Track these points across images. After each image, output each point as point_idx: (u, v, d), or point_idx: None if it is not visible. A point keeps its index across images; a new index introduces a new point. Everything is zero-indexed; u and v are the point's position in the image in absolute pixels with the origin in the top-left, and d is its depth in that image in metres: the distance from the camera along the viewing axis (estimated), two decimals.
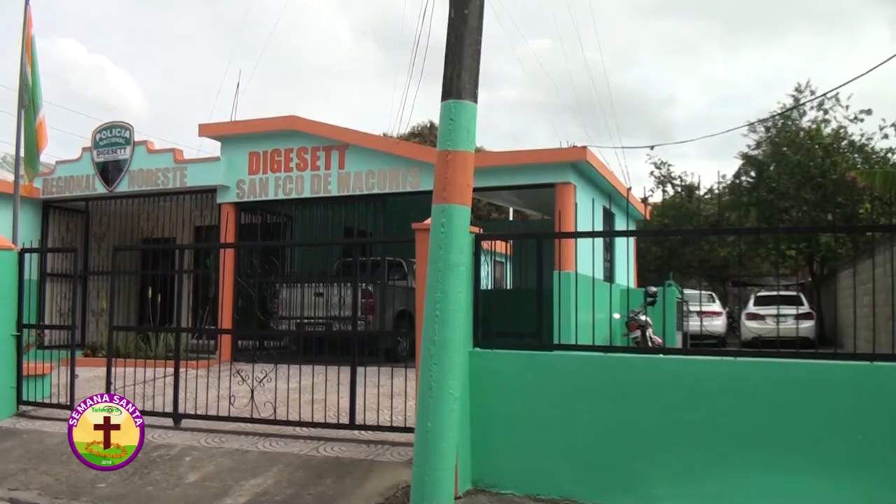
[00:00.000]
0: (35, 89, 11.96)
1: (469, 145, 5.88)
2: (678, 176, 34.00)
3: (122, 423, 6.97)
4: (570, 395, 6.29)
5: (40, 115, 12.03)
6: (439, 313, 5.66)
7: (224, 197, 15.62)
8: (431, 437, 5.57)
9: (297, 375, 8.49)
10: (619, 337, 12.55)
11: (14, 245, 10.44)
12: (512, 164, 13.62)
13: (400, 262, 15.10)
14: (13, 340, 9.97)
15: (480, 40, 6.13)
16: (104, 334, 14.96)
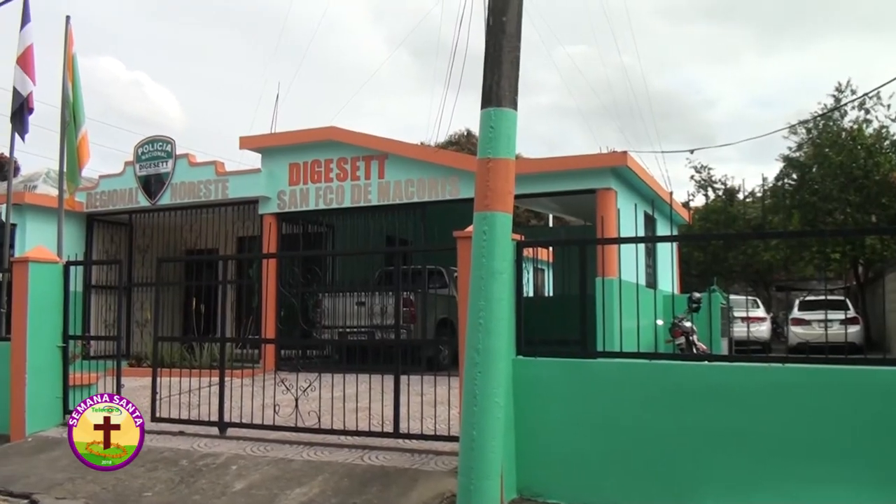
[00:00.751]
0: (77, 105, 12.16)
1: (510, 153, 5.87)
2: (719, 179, 33.68)
3: (122, 424, 7.03)
4: (616, 403, 6.24)
5: (82, 130, 12.23)
6: (483, 321, 5.65)
7: (266, 208, 15.76)
8: (476, 446, 5.56)
9: (341, 384, 8.53)
10: (663, 344, 12.44)
11: (59, 258, 10.61)
12: (551, 171, 13.57)
13: (440, 270, 15.11)
14: (59, 351, 10.13)
15: (519, 47, 6.14)
16: (149, 345, 15.14)
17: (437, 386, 8.59)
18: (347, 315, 13.20)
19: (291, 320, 11.96)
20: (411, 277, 12.81)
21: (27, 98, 12.22)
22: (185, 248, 18.01)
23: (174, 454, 8.22)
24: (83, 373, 10.34)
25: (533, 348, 6.72)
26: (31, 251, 10.44)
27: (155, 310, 10.06)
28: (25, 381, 9.68)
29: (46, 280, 10.04)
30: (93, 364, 10.65)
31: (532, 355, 6.65)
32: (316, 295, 13.94)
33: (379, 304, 12.57)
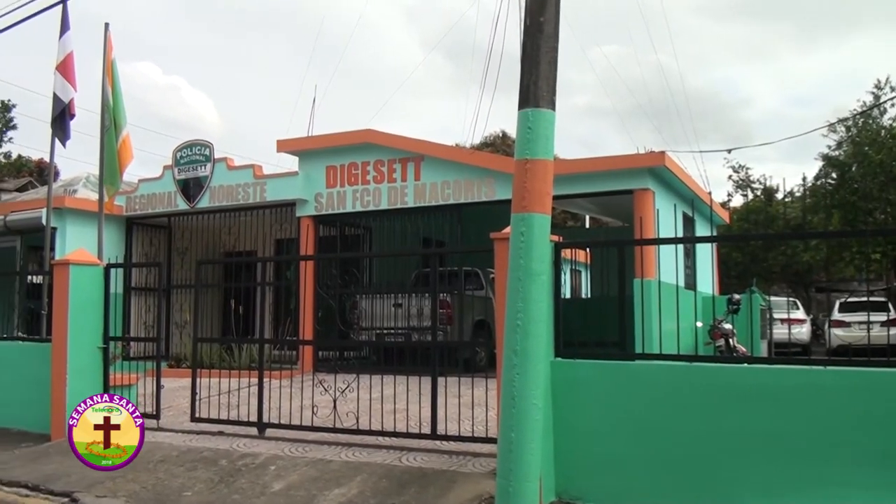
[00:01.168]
0: (117, 110, 12.30)
1: (548, 153, 5.84)
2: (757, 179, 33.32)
3: (122, 424, 7.07)
4: (655, 405, 6.20)
5: (124, 132, 12.37)
6: (521, 323, 5.62)
7: (303, 210, 15.85)
8: (515, 448, 5.54)
9: (378, 385, 8.54)
10: (703, 346, 12.32)
11: (100, 261, 10.75)
12: (588, 172, 13.50)
13: (476, 271, 15.08)
14: (100, 352, 10.26)
15: (557, 47, 6.11)
16: (188, 346, 15.28)
17: (474, 387, 8.59)
18: (384, 316, 13.21)
19: (329, 322, 12.01)
20: (447, 279, 12.82)
21: (69, 104, 12.40)
22: (223, 251, 18.16)
23: (214, 454, 8.29)
24: (123, 373, 10.46)
25: (571, 350, 6.70)
26: (71, 254, 10.60)
27: (194, 311, 10.16)
28: (66, 381, 9.83)
29: (87, 282, 10.18)
30: (133, 365, 10.78)
31: (570, 357, 6.62)
32: (353, 296, 13.98)
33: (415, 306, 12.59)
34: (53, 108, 12.41)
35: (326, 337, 12.18)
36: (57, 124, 12.46)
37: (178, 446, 8.73)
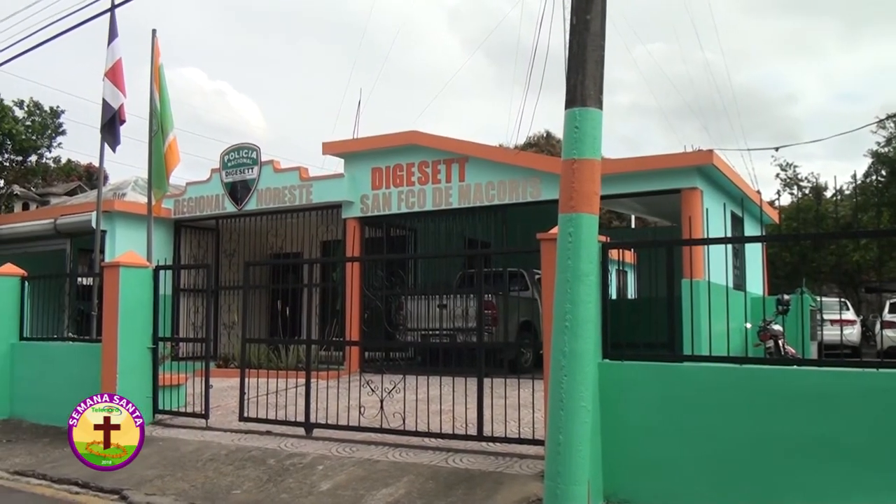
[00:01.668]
0: (164, 114, 12.50)
1: (595, 153, 5.79)
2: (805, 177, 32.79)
3: (122, 424, 7.10)
4: (705, 407, 6.11)
5: (171, 136, 12.56)
6: (569, 324, 5.58)
7: (349, 212, 15.93)
8: (563, 451, 5.50)
9: (424, 386, 8.54)
10: (752, 347, 12.14)
11: (149, 263, 10.89)
12: (635, 171, 13.36)
13: (521, 272, 15.02)
14: (149, 353, 10.43)
15: (603, 46, 6.06)
16: (235, 346, 15.42)
17: (520, 389, 8.55)
18: (429, 318, 13.23)
19: (375, 323, 12.05)
20: (492, 280, 12.78)
21: (118, 110, 12.61)
22: (270, 252, 18.31)
23: (262, 453, 8.35)
24: (172, 373, 10.61)
25: (619, 351, 6.63)
26: (121, 256, 10.77)
27: (243, 312, 10.25)
28: (116, 381, 9.99)
29: (137, 284, 10.34)
30: (182, 365, 10.92)
31: (618, 358, 6.56)
32: (398, 298, 14.01)
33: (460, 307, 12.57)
34: (103, 114, 12.62)
35: (372, 338, 12.21)
36: (107, 130, 12.67)
37: (227, 445, 8.82)
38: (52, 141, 22.58)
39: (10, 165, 22.47)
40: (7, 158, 22.18)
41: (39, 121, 22.04)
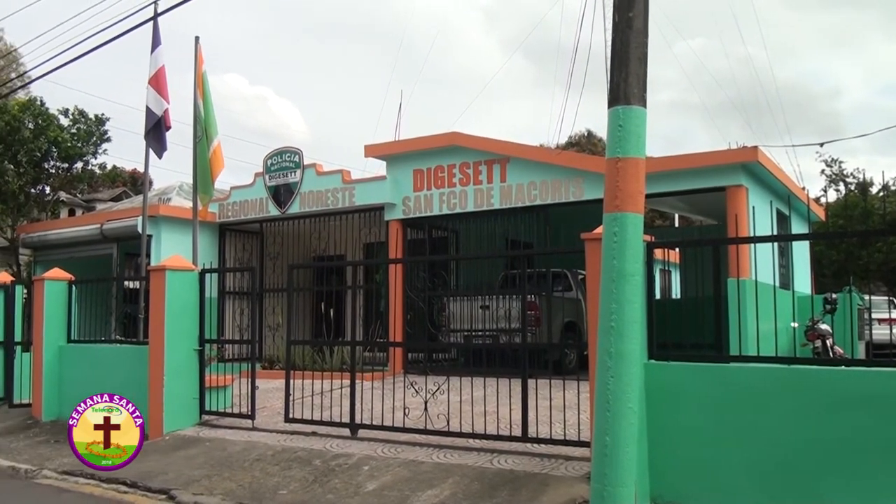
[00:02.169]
0: (209, 120, 12.63)
1: (640, 151, 5.74)
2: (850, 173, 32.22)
3: (122, 424, 7.11)
4: (752, 408, 6.03)
5: (215, 141, 12.69)
6: (615, 324, 5.53)
7: (391, 214, 15.97)
8: (610, 452, 5.45)
9: (468, 387, 8.53)
10: (799, 347, 11.95)
11: (195, 266, 11.01)
12: (678, 169, 13.21)
13: (565, 273, 14.94)
14: (196, 354, 10.55)
15: (647, 43, 6.01)
16: (280, 348, 15.54)
17: (563, 390, 8.50)
18: (472, 318, 13.21)
19: (418, 324, 12.06)
20: (535, 280, 12.74)
21: (163, 116, 12.78)
22: (313, 255, 18.41)
23: (308, 454, 8.40)
24: (219, 374, 10.72)
25: (665, 352, 6.56)
26: (167, 260, 10.90)
27: (288, 314, 10.32)
28: (163, 382, 10.13)
29: (183, 287, 10.46)
30: (227, 366, 11.02)
31: (664, 359, 6.49)
32: (441, 299, 14.01)
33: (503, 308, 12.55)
34: (147, 121, 12.80)
35: (415, 339, 12.22)
36: (152, 136, 12.86)
37: (273, 446, 8.88)
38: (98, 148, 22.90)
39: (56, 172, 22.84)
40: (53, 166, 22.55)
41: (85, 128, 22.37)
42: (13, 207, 21.87)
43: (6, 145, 20.71)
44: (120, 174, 29.30)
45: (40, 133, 21.07)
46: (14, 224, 22.02)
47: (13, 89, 21.70)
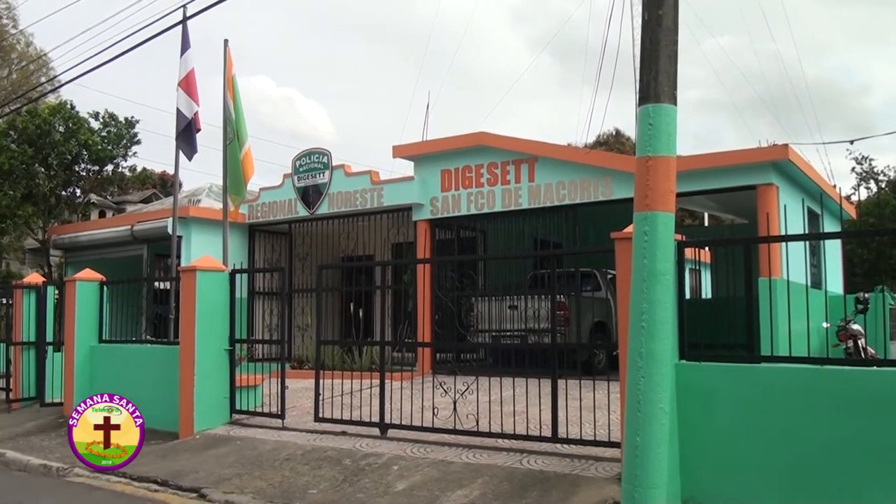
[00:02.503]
0: (239, 123, 12.71)
1: (670, 150, 5.70)
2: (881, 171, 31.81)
3: (121, 424, 7.11)
4: (784, 409, 5.96)
5: (246, 146, 12.76)
6: (645, 325, 5.50)
7: (419, 214, 15.99)
8: (641, 454, 5.42)
9: (497, 387, 8.51)
10: (830, 348, 11.81)
11: (225, 266, 11.08)
12: (708, 168, 13.10)
13: (593, 272, 14.88)
14: (226, 354, 10.61)
15: (677, 41, 5.97)
16: (309, 348, 15.61)
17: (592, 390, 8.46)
18: (500, 318, 13.18)
19: (446, 324, 12.06)
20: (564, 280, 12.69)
21: (193, 118, 12.87)
22: (341, 255, 18.48)
23: (337, 453, 8.43)
24: (248, 374, 10.78)
25: (696, 352, 6.51)
26: (198, 260, 10.98)
27: (317, 314, 10.36)
28: (194, 382, 10.21)
29: (213, 287, 10.53)
30: (257, 366, 11.08)
31: (695, 359, 6.44)
32: (469, 299, 13.99)
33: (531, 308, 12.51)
34: (178, 123, 12.89)
35: (444, 339, 12.21)
36: (182, 139, 12.95)
37: (303, 445, 8.92)
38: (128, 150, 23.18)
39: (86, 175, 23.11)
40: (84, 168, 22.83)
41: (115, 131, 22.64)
42: (44, 209, 22.17)
43: (37, 148, 21.00)
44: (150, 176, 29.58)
45: (71, 136, 21.36)
46: (45, 226, 22.32)
47: (43, 93, 21.98)
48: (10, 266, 38.83)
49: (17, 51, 24.63)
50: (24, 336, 13.20)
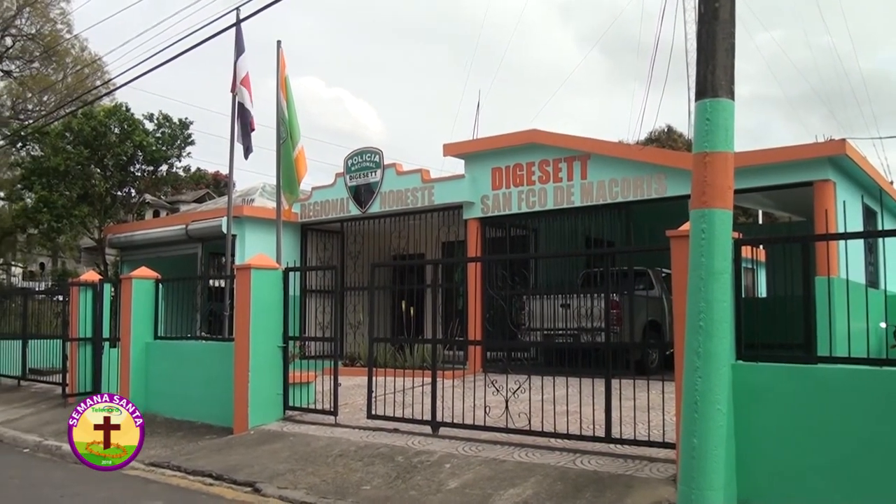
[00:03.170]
0: (292, 123, 12.85)
1: (728, 145, 5.61)
2: None
3: (122, 424, 7.11)
4: (843, 411, 5.83)
5: (299, 146, 12.88)
6: (703, 324, 5.40)
7: (469, 213, 15.97)
8: (698, 455, 5.33)
9: (550, 387, 8.44)
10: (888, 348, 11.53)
11: (278, 265, 11.18)
12: (763, 164, 12.84)
13: (646, 271, 14.71)
14: (280, 351, 10.71)
15: (734, 33, 5.86)
16: (361, 345, 15.68)
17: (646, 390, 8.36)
18: (552, 317, 13.10)
19: (497, 322, 12.02)
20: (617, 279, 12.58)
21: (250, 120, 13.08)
22: (393, 254, 18.54)
23: (390, 450, 8.45)
24: (301, 371, 10.86)
25: (753, 352, 6.40)
26: (252, 259, 11.09)
27: (370, 312, 10.39)
28: (248, 378, 10.32)
29: (267, 285, 10.63)
30: (310, 363, 11.16)
31: (752, 360, 6.32)
32: (521, 297, 13.93)
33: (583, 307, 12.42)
34: (242, 117, 13.10)
35: (495, 337, 12.19)
36: (244, 134, 13.17)
37: (356, 442, 8.96)
38: (182, 151, 23.56)
39: (141, 175, 23.54)
40: (139, 169, 23.27)
41: (169, 132, 23.02)
42: (100, 209, 22.64)
43: (93, 150, 21.45)
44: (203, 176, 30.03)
45: (126, 137, 21.79)
46: (101, 225, 22.79)
47: (98, 96, 22.42)
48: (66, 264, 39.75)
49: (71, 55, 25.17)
50: (81, 332, 13.45)
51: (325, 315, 17.73)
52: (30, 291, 18.59)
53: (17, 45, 24.39)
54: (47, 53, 24.25)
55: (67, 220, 21.72)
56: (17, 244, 29.57)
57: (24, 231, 26.39)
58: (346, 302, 18.43)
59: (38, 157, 22.82)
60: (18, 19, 23.94)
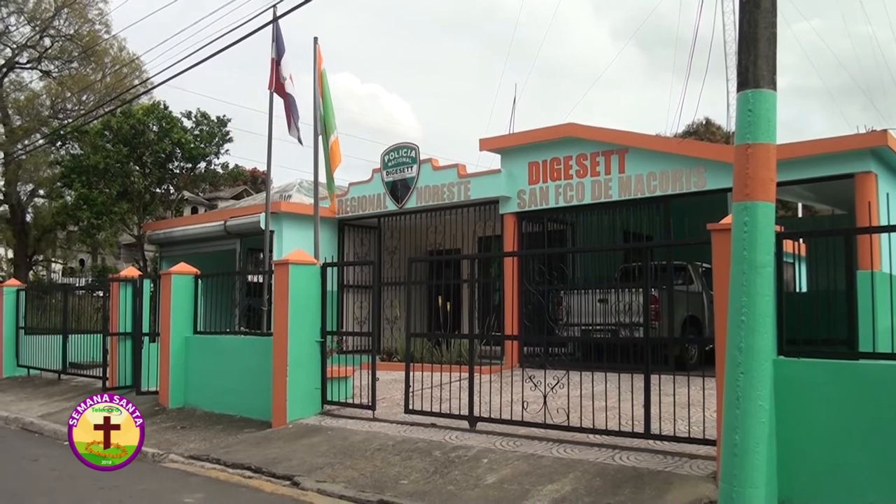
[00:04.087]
0: (328, 116, 12.91)
1: (770, 137, 5.51)
2: None
3: (122, 424, 7.10)
4: (887, 408, 5.71)
5: (333, 136, 12.94)
6: (745, 318, 5.31)
7: (506, 207, 15.91)
8: (740, 452, 5.25)
9: (589, 382, 8.36)
10: None
11: (316, 260, 11.22)
12: (803, 156, 12.61)
13: (684, 265, 14.55)
14: (317, 346, 10.76)
15: (776, 23, 5.74)
16: (398, 340, 15.72)
17: (685, 386, 8.27)
18: (590, 312, 13.01)
19: (534, 317, 11.97)
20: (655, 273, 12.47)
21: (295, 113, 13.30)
22: (429, 249, 18.54)
23: (427, 445, 8.45)
24: (339, 366, 10.90)
25: (795, 348, 6.29)
26: (290, 254, 11.13)
27: (407, 307, 10.41)
28: (287, 372, 10.37)
29: (305, 280, 10.68)
30: (347, 358, 11.20)
31: (794, 355, 6.22)
32: (558, 292, 13.85)
33: (621, 302, 12.32)
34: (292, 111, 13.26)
35: (532, 332, 12.13)
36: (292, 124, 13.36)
37: (394, 436, 8.97)
38: (220, 148, 23.77)
39: (180, 172, 23.78)
40: (177, 166, 23.52)
41: (207, 130, 23.23)
42: (139, 206, 22.93)
43: (132, 148, 21.70)
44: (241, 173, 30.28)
45: (165, 135, 22.02)
46: (140, 222, 23.07)
47: (136, 95, 22.69)
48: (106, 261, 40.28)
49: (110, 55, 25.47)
50: (121, 327, 13.61)
51: (363, 310, 17.80)
52: (70, 287, 18.81)
53: (55, 46, 24.72)
54: (86, 53, 24.55)
55: (107, 217, 22.02)
56: (58, 241, 29.98)
57: (65, 228, 26.77)
58: (382, 297, 18.46)
59: (78, 155, 23.14)
60: (57, 20, 24.26)
